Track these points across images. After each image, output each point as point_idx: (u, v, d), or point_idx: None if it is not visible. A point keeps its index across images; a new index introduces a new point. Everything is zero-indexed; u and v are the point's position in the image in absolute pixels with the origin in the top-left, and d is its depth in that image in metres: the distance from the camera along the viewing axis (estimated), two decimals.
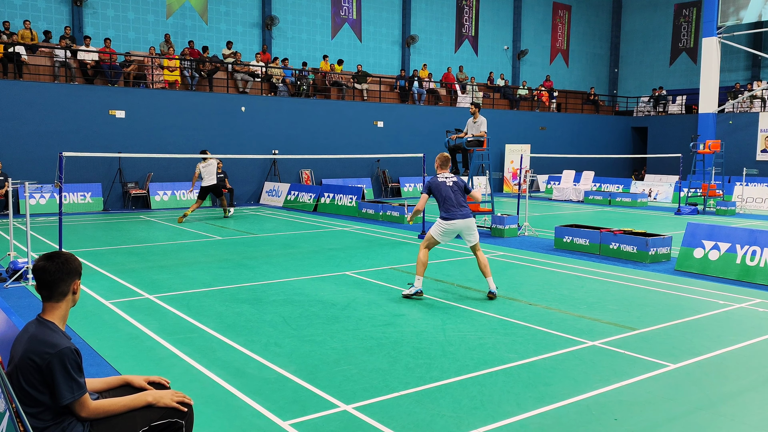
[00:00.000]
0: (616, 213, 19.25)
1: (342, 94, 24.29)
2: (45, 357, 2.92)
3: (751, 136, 27.45)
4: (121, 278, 9.20)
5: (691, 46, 33.21)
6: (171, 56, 20.78)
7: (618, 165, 32.15)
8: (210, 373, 5.38)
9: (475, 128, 13.99)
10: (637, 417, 4.61)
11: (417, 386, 5.12)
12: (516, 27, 32.37)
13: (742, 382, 5.36)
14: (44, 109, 17.72)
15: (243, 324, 6.89)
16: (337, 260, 10.80)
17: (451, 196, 8.15)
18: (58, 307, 3.13)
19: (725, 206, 19.07)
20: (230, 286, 8.78)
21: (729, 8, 26.55)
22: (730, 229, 9.97)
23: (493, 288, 8.14)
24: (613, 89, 36.86)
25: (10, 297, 8.03)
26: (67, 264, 3.13)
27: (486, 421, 4.49)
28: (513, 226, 13.75)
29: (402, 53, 28.66)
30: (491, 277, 8.21)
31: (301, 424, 4.44)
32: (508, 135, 27.44)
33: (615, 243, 11.25)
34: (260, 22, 24.67)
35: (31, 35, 19.03)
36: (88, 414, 3.05)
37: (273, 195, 21.09)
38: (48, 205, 17.29)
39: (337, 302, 7.87)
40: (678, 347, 6.21)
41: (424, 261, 8.11)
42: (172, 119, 19.68)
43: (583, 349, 6.11)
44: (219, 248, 12.06)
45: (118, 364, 5.59)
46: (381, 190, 24.16)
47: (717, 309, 7.77)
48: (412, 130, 24.89)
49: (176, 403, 3.25)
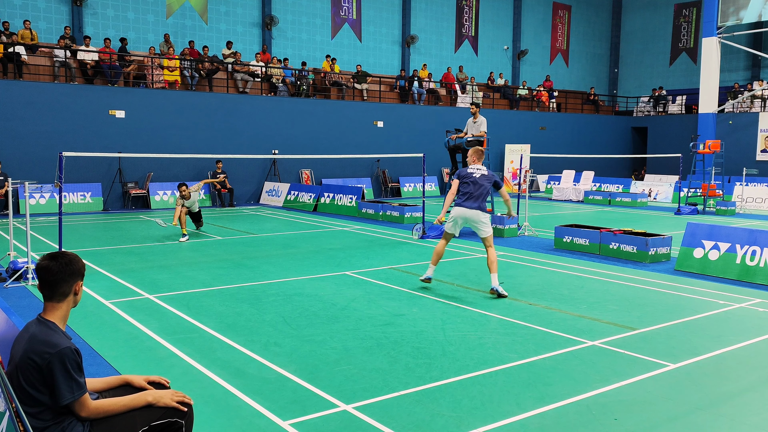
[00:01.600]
0: (616, 213, 19.25)
1: (342, 94, 24.29)
2: (45, 357, 2.92)
3: (751, 136, 27.45)
4: (121, 278, 9.20)
5: (691, 46, 33.21)
6: (171, 56, 20.78)
7: (618, 165, 32.16)
8: (210, 373, 5.38)
9: (475, 128, 13.99)
10: (637, 417, 4.61)
11: (417, 386, 5.12)
12: (516, 27, 32.37)
13: (742, 382, 5.36)
14: (44, 109, 17.72)
15: (243, 324, 6.89)
16: (337, 260, 10.80)
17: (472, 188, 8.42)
18: (59, 307, 3.13)
19: (725, 206, 19.07)
20: (230, 286, 8.78)
21: (729, 8, 26.55)
22: (730, 229, 9.97)
23: (495, 284, 8.16)
24: (613, 89, 36.86)
25: (10, 297, 8.03)
26: (71, 264, 3.13)
27: (486, 421, 4.49)
28: (513, 226, 13.75)
29: (402, 53, 28.67)
30: (496, 273, 8.23)
31: (301, 424, 4.44)
32: (508, 135, 27.45)
33: (615, 243, 11.25)
34: (260, 22, 24.67)
35: (31, 35, 19.03)
36: (88, 414, 3.05)
37: (273, 195, 21.10)
38: (48, 205, 17.29)
39: (337, 302, 7.87)
40: (678, 347, 6.21)
41: (439, 251, 8.62)
42: (172, 119, 19.69)
43: (583, 349, 6.11)
44: (219, 248, 12.06)
45: (118, 364, 5.59)
46: (381, 190, 24.16)
47: (717, 309, 7.77)
48: (412, 130, 24.90)
49: (176, 402, 3.25)
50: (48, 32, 20.31)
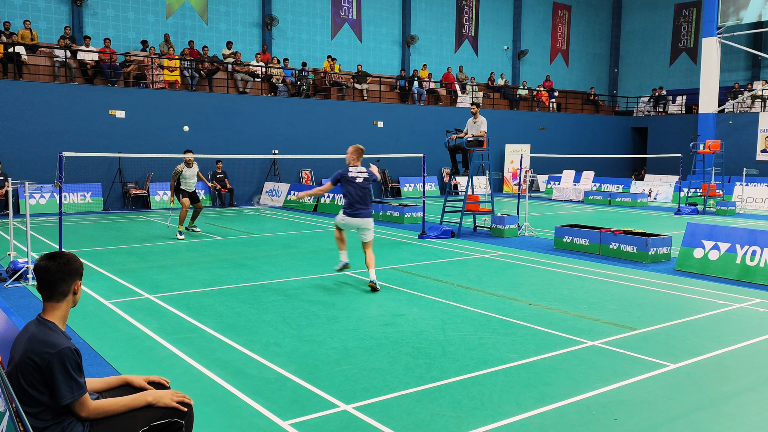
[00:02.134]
0: (616, 213, 19.25)
1: (342, 94, 24.29)
2: (45, 357, 2.92)
3: (751, 136, 27.45)
4: (121, 278, 9.20)
5: (691, 46, 33.20)
6: (171, 56, 20.78)
7: (618, 165, 32.15)
8: (210, 373, 5.38)
9: (475, 128, 13.99)
10: (637, 417, 4.61)
11: (417, 386, 5.12)
12: (516, 27, 32.37)
13: (742, 382, 5.36)
14: (44, 109, 17.72)
15: (243, 324, 6.89)
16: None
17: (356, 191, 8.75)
18: (59, 307, 3.13)
19: (725, 206, 19.07)
20: (230, 286, 8.78)
21: (729, 8, 26.55)
22: (730, 229, 9.97)
23: (373, 277, 8.53)
24: (613, 89, 36.86)
25: (10, 297, 8.04)
26: (69, 264, 3.13)
27: (486, 421, 4.48)
28: (513, 226, 13.74)
29: (402, 53, 28.66)
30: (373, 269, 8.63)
31: (301, 424, 4.44)
32: (508, 135, 27.44)
33: (615, 243, 11.25)
34: (260, 22, 24.67)
35: (31, 35, 19.03)
36: (88, 414, 3.05)
37: (273, 195, 21.10)
38: (48, 205, 17.29)
39: (337, 302, 7.87)
40: (678, 347, 6.21)
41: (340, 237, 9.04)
42: (172, 119, 19.68)
43: (583, 349, 6.11)
44: (219, 248, 12.06)
45: (118, 364, 5.59)
46: (381, 190, 24.16)
47: (717, 309, 7.77)
48: (412, 130, 24.89)
49: (176, 402, 3.25)
50: (48, 32, 20.31)
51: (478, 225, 14.72)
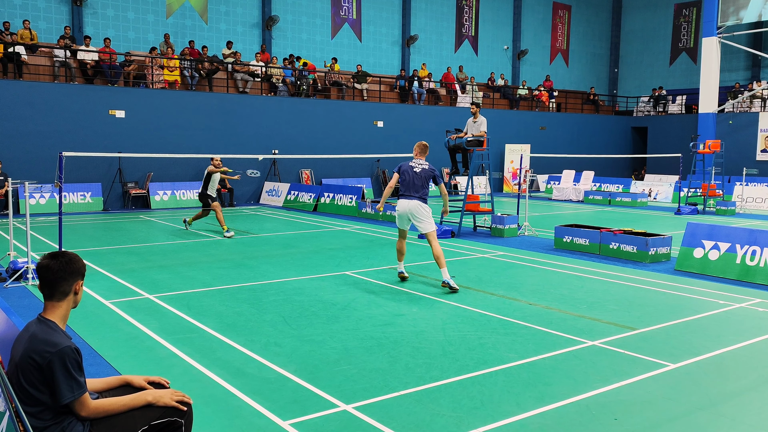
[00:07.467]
0: (616, 213, 19.25)
1: (342, 94, 24.29)
2: (45, 356, 2.92)
3: (751, 136, 27.45)
4: (121, 278, 9.20)
5: (691, 46, 33.20)
6: (171, 56, 20.78)
7: (618, 165, 32.15)
8: (210, 373, 5.38)
9: (475, 128, 13.98)
10: (637, 417, 4.61)
11: (417, 386, 5.12)
12: (516, 27, 32.37)
13: (742, 382, 5.36)
14: (44, 109, 17.72)
15: (243, 324, 6.89)
16: (337, 260, 10.80)
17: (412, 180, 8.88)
18: (59, 307, 3.13)
19: (725, 206, 19.07)
20: (230, 286, 8.78)
21: (729, 8, 26.55)
22: (730, 229, 9.97)
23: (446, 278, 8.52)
24: (613, 89, 36.86)
25: (10, 297, 8.04)
26: (71, 264, 3.13)
27: (486, 421, 4.49)
28: (513, 226, 13.74)
29: (402, 53, 28.66)
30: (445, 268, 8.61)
31: (301, 423, 4.44)
32: (508, 135, 27.45)
33: (615, 243, 11.25)
34: (260, 21, 24.67)
35: (30, 35, 19.03)
36: (88, 413, 3.05)
37: (273, 195, 21.10)
38: (48, 205, 17.29)
39: (337, 302, 7.87)
40: (678, 347, 6.21)
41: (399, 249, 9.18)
42: (172, 119, 19.68)
43: (583, 349, 6.11)
44: (219, 248, 12.06)
45: (118, 364, 5.59)
46: (381, 190, 24.15)
47: (717, 309, 7.77)
48: (412, 130, 24.89)
49: (176, 402, 3.25)
50: (48, 32, 20.31)
51: (478, 225, 14.72)
